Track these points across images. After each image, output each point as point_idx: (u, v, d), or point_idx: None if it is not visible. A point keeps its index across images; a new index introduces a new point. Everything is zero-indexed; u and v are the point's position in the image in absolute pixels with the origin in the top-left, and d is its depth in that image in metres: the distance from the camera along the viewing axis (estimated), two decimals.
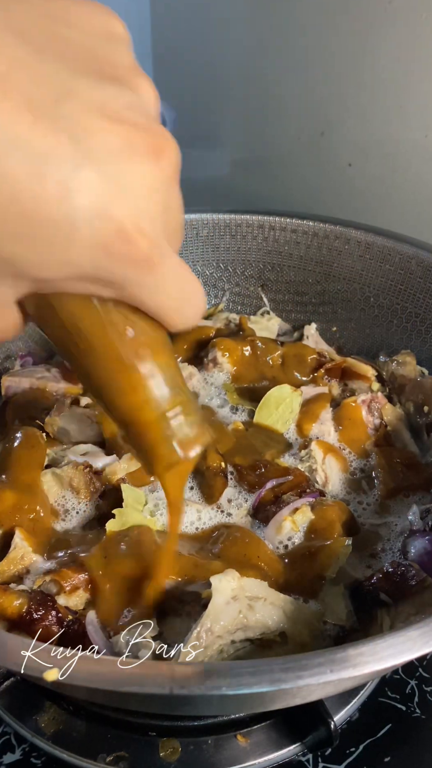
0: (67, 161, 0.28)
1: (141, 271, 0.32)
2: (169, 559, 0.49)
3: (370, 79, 0.93)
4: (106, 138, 0.29)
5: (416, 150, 0.91)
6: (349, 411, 0.66)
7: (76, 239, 0.29)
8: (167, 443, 0.38)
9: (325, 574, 0.51)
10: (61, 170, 0.28)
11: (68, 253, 0.30)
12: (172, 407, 0.37)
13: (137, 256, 0.31)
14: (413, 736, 0.53)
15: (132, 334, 0.35)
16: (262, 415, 0.66)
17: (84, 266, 0.31)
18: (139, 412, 0.37)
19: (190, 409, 0.38)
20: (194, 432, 0.38)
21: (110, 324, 0.34)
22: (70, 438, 0.63)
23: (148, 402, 0.36)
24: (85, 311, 0.34)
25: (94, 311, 0.34)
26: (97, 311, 0.34)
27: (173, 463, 0.38)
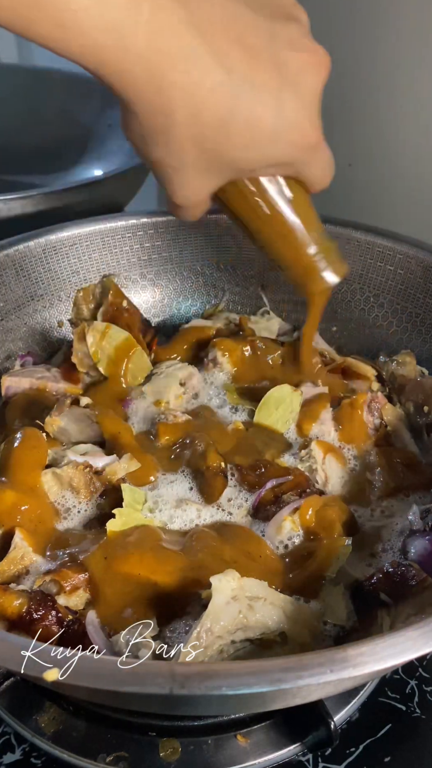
0: (275, 88, 0.41)
1: (310, 153, 0.46)
2: (309, 326, 0.67)
3: (370, 79, 0.93)
4: (294, 64, 0.42)
5: (416, 150, 0.91)
6: (349, 411, 0.66)
7: (279, 140, 0.43)
8: (320, 276, 0.57)
9: (325, 574, 0.51)
10: (273, 95, 0.41)
11: (271, 150, 0.44)
12: (321, 251, 0.55)
13: (312, 144, 0.45)
14: (413, 736, 0.53)
15: (291, 197, 0.51)
16: (262, 415, 0.66)
17: (279, 157, 0.45)
18: (297, 254, 0.55)
19: (332, 251, 0.57)
20: (336, 265, 0.57)
21: (277, 193, 0.50)
22: (70, 438, 0.63)
23: (304, 246, 0.54)
24: (261, 187, 0.49)
25: (267, 186, 0.49)
26: (269, 186, 0.49)
27: (324, 288, 0.58)
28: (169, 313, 0.88)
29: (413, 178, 0.93)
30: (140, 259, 0.85)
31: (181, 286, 0.87)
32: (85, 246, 0.81)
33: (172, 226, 0.84)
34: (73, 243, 0.80)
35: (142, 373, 0.71)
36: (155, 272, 0.86)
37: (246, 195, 0.50)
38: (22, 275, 0.77)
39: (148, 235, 0.84)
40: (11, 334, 0.77)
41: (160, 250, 0.85)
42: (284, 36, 0.42)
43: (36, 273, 0.78)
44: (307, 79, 0.43)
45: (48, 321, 0.81)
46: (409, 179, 0.93)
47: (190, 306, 0.88)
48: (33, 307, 0.79)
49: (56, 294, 0.81)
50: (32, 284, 0.78)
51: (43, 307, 0.80)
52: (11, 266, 0.76)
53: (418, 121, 0.89)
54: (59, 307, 0.81)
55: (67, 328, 0.81)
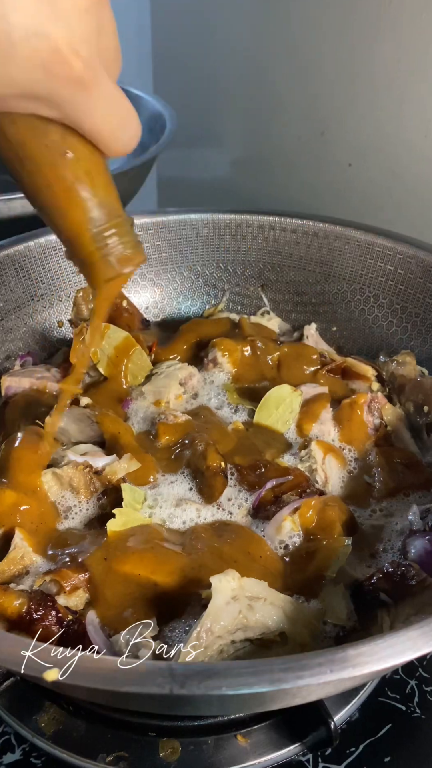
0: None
1: (76, 90, 0.34)
2: (93, 323, 0.51)
3: (370, 79, 0.93)
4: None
5: (416, 150, 0.91)
6: (349, 411, 0.66)
7: (16, 56, 0.31)
8: (105, 260, 0.42)
9: (325, 574, 0.51)
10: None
11: (8, 69, 0.32)
12: (107, 228, 0.41)
13: (72, 75, 0.33)
14: (413, 736, 0.53)
15: (71, 156, 0.38)
16: (262, 415, 0.66)
17: (24, 83, 0.33)
18: (78, 230, 0.41)
19: (125, 230, 0.42)
20: (129, 251, 0.43)
21: (51, 144, 0.38)
22: (70, 438, 0.63)
23: (86, 221, 0.41)
24: (28, 132, 0.37)
25: (36, 132, 0.37)
26: (39, 132, 0.37)
27: (111, 277, 0.43)
28: (169, 313, 0.88)
29: (413, 178, 0.93)
30: None
31: (181, 286, 0.87)
32: None
33: (172, 226, 0.84)
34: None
35: (142, 373, 0.71)
36: (155, 272, 0.86)
37: (6, 137, 0.38)
38: (22, 275, 0.77)
39: (148, 235, 0.84)
40: (11, 334, 0.77)
41: (160, 250, 0.85)
42: None
43: (36, 273, 0.78)
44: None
45: (48, 321, 0.81)
46: (409, 179, 0.93)
47: (190, 306, 0.88)
48: (33, 307, 0.79)
49: (56, 294, 0.81)
50: (32, 284, 0.78)
51: (43, 307, 0.80)
52: (11, 266, 0.76)
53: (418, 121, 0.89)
54: (59, 307, 0.81)
55: (67, 328, 0.81)
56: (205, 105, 1.26)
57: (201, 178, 1.35)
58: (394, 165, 0.95)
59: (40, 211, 0.42)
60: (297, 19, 1.00)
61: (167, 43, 1.34)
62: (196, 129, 1.28)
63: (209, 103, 1.25)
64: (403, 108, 0.90)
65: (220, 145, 1.28)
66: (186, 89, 1.31)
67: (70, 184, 0.39)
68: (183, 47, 1.29)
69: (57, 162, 0.38)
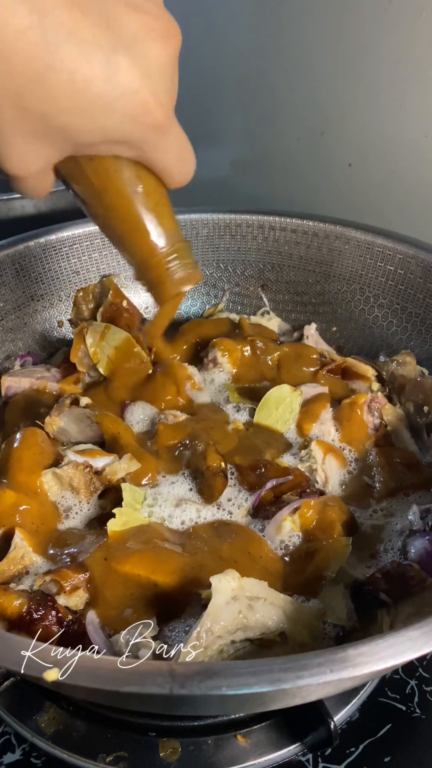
0: (107, 48, 0.36)
1: (156, 135, 0.40)
2: (156, 327, 0.60)
3: (370, 79, 0.93)
4: (132, 26, 0.37)
5: (416, 150, 0.91)
6: (349, 411, 0.66)
7: (114, 110, 0.38)
8: (170, 280, 0.50)
9: (325, 574, 0.51)
10: (104, 56, 0.36)
11: (106, 121, 0.38)
12: (171, 252, 0.48)
13: (155, 123, 0.39)
14: (413, 736, 0.53)
15: (142, 189, 0.44)
16: (262, 416, 0.66)
17: (116, 132, 0.39)
18: (148, 255, 0.48)
19: (185, 254, 0.50)
20: (188, 272, 0.50)
21: (126, 180, 0.44)
22: (70, 438, 0.63)
23: (154, 248, 0.48)
24: (106, 170, 0.43)
25: (113, 170, 0.43)
26: (116, 170, 0.43)
27: (174, 294, 0.51)
28: None
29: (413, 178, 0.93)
30: None
31: None
32: (85, 246, 0.81)
33: None
34: (73, 243, 0.80)
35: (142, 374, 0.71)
36: None
37: (87, 175, 0.43)
38: (22, 275, 0.77)
39: None
40: (11, 334, 0.77)
41: None
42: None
43: (36, 273, 0.78)
44: (150, 46, 0.38)
45: (48, 321, 0.81)
46: (409, 179, 0.93)
47: (190, 306, 0.88)
48: (33, 307, 0.79)
49: (56, 294, 0.81)
50: (32, 284, 0.78)
51: (43, 307, 0.80)
52: (11, 266, 0.76)
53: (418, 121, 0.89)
54: (59, 307, 0.81)
55: (67, 328, 0.82)
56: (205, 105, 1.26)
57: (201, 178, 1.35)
58: (394, 165, 0.95)
59: (113, 240, 0.49)
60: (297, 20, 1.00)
61: None
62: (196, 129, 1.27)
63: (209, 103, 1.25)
64: (403, 108, 0.90)
65: (220, 145, 1.28)
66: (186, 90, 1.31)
67: (142, 216, 0.46)
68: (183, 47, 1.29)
69: (131, 196, 0.44)
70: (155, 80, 0.38)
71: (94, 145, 0.40)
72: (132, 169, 0.43)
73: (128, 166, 0.43)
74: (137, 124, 0.39)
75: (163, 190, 0.46)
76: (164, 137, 0.41)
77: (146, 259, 0.48)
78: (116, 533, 0.52)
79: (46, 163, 0.41)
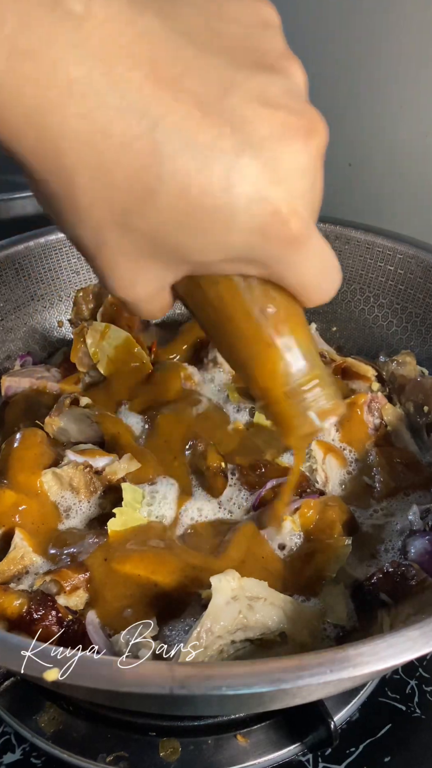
0: (229, 152, 0.29)
1: (290, 250, 0.33)
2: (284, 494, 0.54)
3: (370, 79, 0.93)
4: (263, 125, 0.30)
5: (416, 150, 0.91)
6: (349, 411, 0.66)
7: (236, 224, 0.31)
8: (303, 414, 0.40)
9: (325, 574, 0.51)
10: (225, 161, 0.29)
11: (227, 238, 0.31)
12: (309, 380, 0.39)
13: (289, 236, 0.32)
14: (413, 736, 0.53)
15: (273, 311, 0.37)
16: (262, 416, 0.66)
17: (240, 249, 0.32)
18: (279, 385, 0.39)
19: (326, 381, 0.40)
20: (330, 404, 0.41)
21: (253, 302, 0.36)
22: (70, 438, 0.63)
23: (287, 375, 0.39)
24: (231, 291, 0.36)
25: (239, 290, 0.36)
26: (241, 290, 0.36)
27: (309, 433, 0.41)
28: (169, 313, 0.88)
29: (413, 178, 0.93)
30: None
31: None
32: None
33: None
34: None
35: None
36: None
37: (207, 297, 0.36)
38: (22, 275, 0.77)
39: None
40: (11, 334, 0.77)
41: None
42: (252, 88, 0.30)
43: (36, 273, 0.78)
44: (285, 146, 0.31)
45: (48, 321, 0.81)
46: (409, 179, 0.93)
47: None
48: (33, 307, 0.79)
49: (56, 294, 0.81)
50: (32, 284, 0.78)
51: (43, 307, 0.80)
52: (11, 266, 0.76)
53: (418, 121, 0.89)
54: (59, 307, 0.81)
55: (67, 328, 0.81)
56: None
57: None
58: (394, 165, 0.95)
59: (236, 367, 0.41)
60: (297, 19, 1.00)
61: None
62: None
63: None
64: (403, 108, 0.90)
65: None
66: None
67: (271, 340, 0.38)
68: None
69: (259, 318, 0.37)
70: (289, 185, 0.31)
71: (214, 264, 0.34)
72: (261, 289, 0.36)
73: (257, 286, 0.36)
74: (266, 239, 0.32)
75: (299, 309, 0.39)
76: (300, 252, 0.34)
77: (270, 389, 0.39)
78: (116, 533, 0.52)
79: (160, 285, 0.35)
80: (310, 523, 0.55)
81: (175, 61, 0.29)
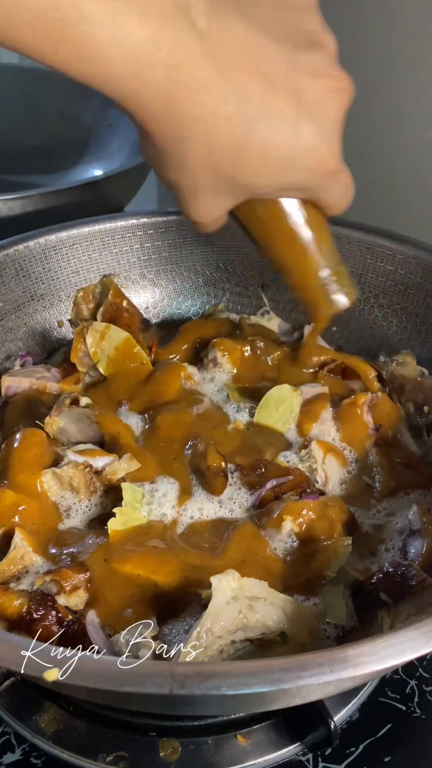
0: (292, 117, 0.42)
1: (328, 180, 0.46)
2: (311, 338, 0.73)
3: (370, 79, 0.93)
4: (314, 91, 0.43)
5: (416, 150, 0.91)
6: (349, 411, 0.66)
7: (294, 166, 0.44)
8: (328, 298, 0.56)
9: (325, 574, 0.51)
10: (289, 125, 0.42)
11: (286, 176, 0.44)
12: (332, 273, 0.55)
13: (328, 171, 0.45)
14: (413, 736, 0.53)
15: (305, 221, 0.51)
16: (262, 416, 0.66)
17: (294, 182, 0.46)
18: (310, 274, 0.54)
19: (343, 275, 0.56)
20: (345, 291, 0.56)
21: (294, 216, 0.50)
22: (70, 438, 0.63)
23: (317, 269, 0.54)
24: (276, 208, 0.50)
25: (283, 210, 0.50)
26: (285, 209, 0.50)
27: (332, 312, 0.58)
28: (169, 313, 0.88)
29: (413, 178, 0.93)
30: (140, 259, 0.84)
31: (181, 286, 0.87)
32: (85, 246, 0.81)
33: (172, 226, 0.84)
34: (73, 243, 0.80)
35: None
36: (155, 272, 0.86)
37: (260, 215, 0.50)
38: (22, 275, 0.77)
39: (148, 235, 0.84)
40: (11, 334, 0.77)
41: (160, 250, 0.85)
42: (306, 64, 0.42)
43: (36, 273, 0.78)
44: (327, 105, 0.43)
45: (48, 321, 0.81)
46: (409, 179, 0.93)
47: (190, 306, 0.88)
48: (33, 307, 0.79)
49: (56, 294, 0.81)
50: (32, 284, 0.78)
51: (43, 307, 0.80)
52: (11, 266, 0.76)
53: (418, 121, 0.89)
54: (59, 307, 0.81)
55: (67, 328, 0.81)
56: None
57: None
58: (394, 165, 0.95)
59: (275, 263, 0.55)
60: None
61: None
62: None
63: None
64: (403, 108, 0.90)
65: None
66: None
67: (308, 243, 0.52)
68: None
69: (296, 229, 0.51)
70: (331, 133, 0.44)
71: (271, 193, 0.47)
72: (296, 204, 0.50)
73: (293, 202, 0.50)
74: (314, 175, 0.45)
75: (324, 218, 0.52)
76: (334, 179, 0.47)
77: (308, 279, 0.55)
78: (117, 533, 0.52)
79: (225, 210, 0.48)
80: (310, 523, 0.55)
81: (256, 53, 0.40)
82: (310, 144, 0.43)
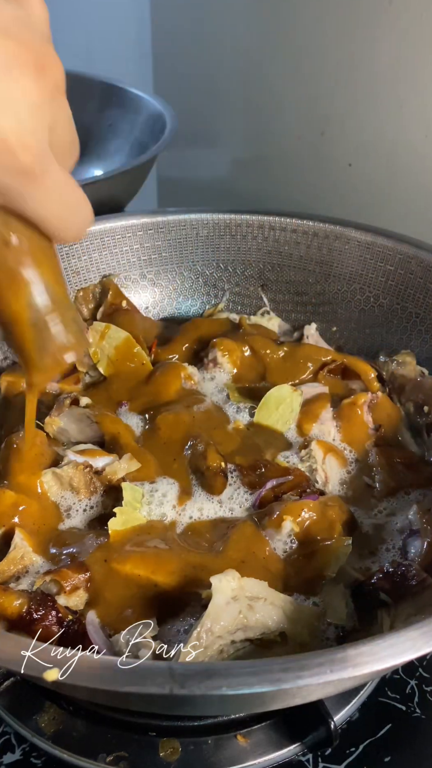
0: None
1: (23, 182, 0.34)
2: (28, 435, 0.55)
3: (370, 79, 0.93)
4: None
5: (416, 150, 0.91)
6: (349, 411, 0.66)
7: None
8: (44, 348, 0.41)
9: (325, 574, 0.51)
10: None
11: None
12: (51, 315, 0.40)
13: (19, 166, 0.33)
14: (413, 736, 0.53)
15: (16, 241, 0.37)
16: (262, 416, 0.66)
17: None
18: (20, 316, 0.39)
19: (68, 318, 0.41)
20: (70, 340, 0.41)
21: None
22: (70, 438, 0.63)
23: (28, 307, 0.39)
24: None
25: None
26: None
27: (47, 367, 0.41)
28: (169, 313, 0.88)
29: (413, 178, 0.93)
30: (140, 259, 0.85)
31: (181, 286, 0.87)
32: (85, 246, 0.81)
33: (172, 226, 0.84)
34: (73, 243, 0.80)
35: None
36: (155, 272, 0.86)
37: None
38: None
39: (148, 235, 0.84)
40: None
41: (160, 250, 0.85)
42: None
43: None
44: (13, 78, 0.31)
45: None
46: (409, 179, 0.93)
47: (190, 306, 0.88)
48: None
49: None
50: None
51: None
52: None
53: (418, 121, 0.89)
54: None
55: None
56: (205, 105, 1.26)
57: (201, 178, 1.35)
58: (394, 165, 0.95)
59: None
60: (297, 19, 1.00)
61: (167, 43, 1.34)
62: (196, 129, 1.27)
63: (209, 103, 1.25)
64: (403, 108, 0.90)
65: (220, 145, 1.28)
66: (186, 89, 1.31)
67: (14, 269, 0.38)
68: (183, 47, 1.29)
69: (1, 248, 0.37)
70: (18, 119, 0.32)
71: None
72: (2, 219, 0.37)
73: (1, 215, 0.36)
74: (2, 172, 0.33)
75: (45, 244, 0.39)
76: (35, 185, 0.35)
77: (15, 321, 0.40)
78: (117, 533, 0.52)
79: None
80: (310, 523, 0.55)
81: None
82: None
